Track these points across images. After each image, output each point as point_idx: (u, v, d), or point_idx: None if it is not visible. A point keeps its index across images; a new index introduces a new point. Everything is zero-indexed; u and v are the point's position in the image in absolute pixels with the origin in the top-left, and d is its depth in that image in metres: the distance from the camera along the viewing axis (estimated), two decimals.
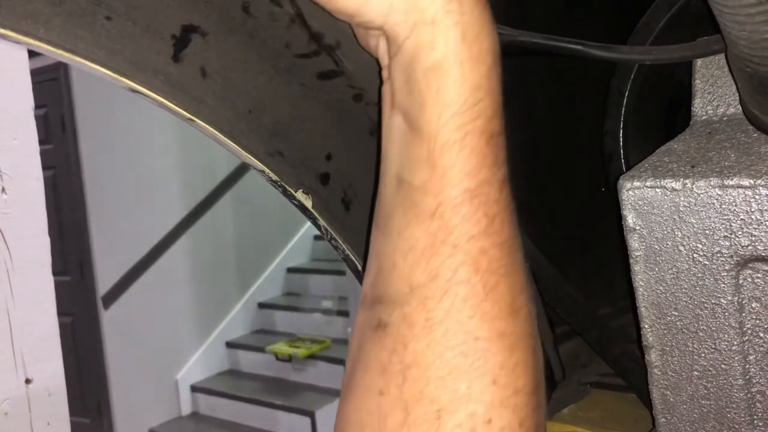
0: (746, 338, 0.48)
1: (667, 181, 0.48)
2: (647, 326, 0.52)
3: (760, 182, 0.44)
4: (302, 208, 0.52)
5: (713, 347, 0.49)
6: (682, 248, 0.48)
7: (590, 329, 0.74)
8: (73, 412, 1.36)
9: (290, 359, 4.43)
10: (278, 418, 4.17)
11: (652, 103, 0.72)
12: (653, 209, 0.49)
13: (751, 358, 0.48)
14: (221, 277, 4.73)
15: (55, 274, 1.31)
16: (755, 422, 0.49)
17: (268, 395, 4.33)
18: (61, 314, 1.32)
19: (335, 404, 4.17)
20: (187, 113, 0.44)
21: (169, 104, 0.43)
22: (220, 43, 0.44)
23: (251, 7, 0.44)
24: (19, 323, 1.23)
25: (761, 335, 0.47)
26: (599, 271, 0.84)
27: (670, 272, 0.49)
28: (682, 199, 0.47)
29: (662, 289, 0.50)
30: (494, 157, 0.39)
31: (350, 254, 0.56)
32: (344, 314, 4.41)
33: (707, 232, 0.47)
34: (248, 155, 0.48)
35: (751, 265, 0.46)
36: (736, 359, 0.48)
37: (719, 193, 0.46)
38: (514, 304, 0.39)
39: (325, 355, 4.38)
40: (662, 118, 0.75)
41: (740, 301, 0.47)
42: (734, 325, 0.48)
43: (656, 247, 0.49)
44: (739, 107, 0.51)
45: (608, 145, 0.72)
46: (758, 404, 0.49)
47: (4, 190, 1.22)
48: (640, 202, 0.49)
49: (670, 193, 0.48)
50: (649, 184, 0.49)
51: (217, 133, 0.46)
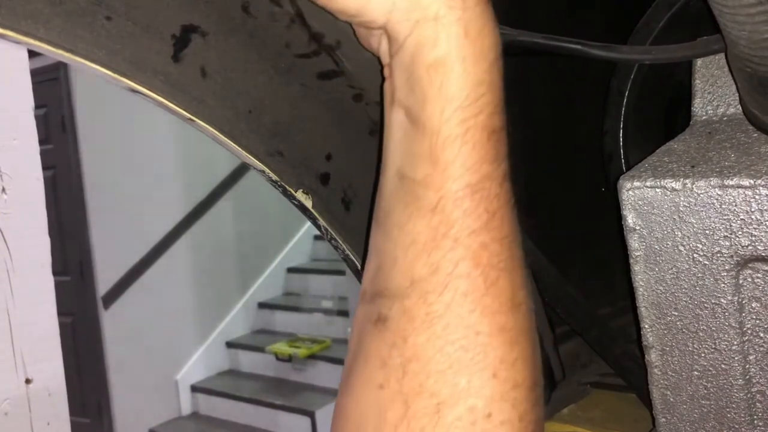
0: (746, 338, 0.48)
1: (667, 181, 0.48)
2: (647, 326, 0.52)
3: (760, 182, 0.44)
4: (302, 208, 0.52)
5: (713, 347, 0.49)
6: (682, 248, 0.48)
7: (590, 329, 0.74)
8: (73, 412, 1.36)
9: (290, 359, 4.43)
10: (278, 418, 4.17)
11: (652, 103, 0.72)
12: (653, 209, 0.49)
13: (751, 358, 0.48)
14: (221, 277, 4.73)
15: (55, 274, 1.31)
16: (755, 422, 0.49)
17: (268, 395, 4.33)
18: (61, 314, 1.32)
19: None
20: (187, 113, 0.44)
21: (169, 104, 0.43)
22: (220, 43, 0.44)
23: (251, 7, 0.44)
24: (19, 323, 1.23)
25: (761, 335, 0.47)
26: (599, 271, 0.84)
27: (670, 272, 0.49)
28: (682, 199, 0.47)
29: (662, 289, 0.50)
30: (495, 152, 0.39)
31: (350, 254, 0.56)
32: (344, 314, 4.41)
33: (707, 232, 0.47)
34: (248, 155, 0.48)
35: (751, 265, 0.46)
36: (736, 359, 0.48)
37: (719, 193, 0.46)
38: (514, 299, 0.39)
39: (325, 355, 4.38)
40: (662, 118, 0.75)
41: (740, 301, 0.47)
42: (734, 325, 0.48)
43: (656, 247, 0.49)
44: (739, 107, 0.51)
45: (608, 145, 0.72)
46: (758, 404, 0.49)
47: (4, 190, 1.22)
48: (640, 202, 0.49)
49: (670, 193, 0.48)
50: (649, 184, 0.49)
51: (217, 133, 0.46)
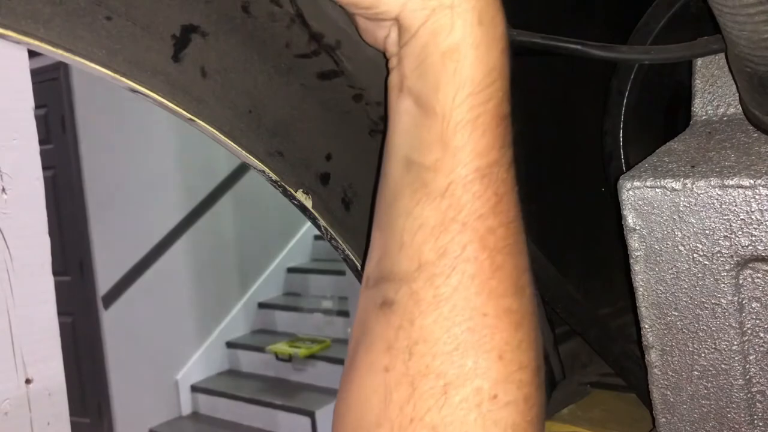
0: (746, 338, 0.48)
1: (667, 181, 0.48)
2: (647, 326, 0.52)
3: (760, 182, 0.44)
4: (302, 208, 0.52)
5: (713, 347, 0.49)
6: (682, 248, 0.48)
7: (590, 329, 0.74)
8: (73, 412, 1.36)
9: (290, 359, 4.43)
10: (278, 418, 4.17)
11: (652, 103, 0.72)
12: (653, 209, 0.49)
13: (751, 358, 0.48)
14: (221, 277, 4.73)
15: (55, 274, 1.31)
16: (755, 422, 0.49)
17: (268, 395, 4.33)
18: (61, 314, 1.32)
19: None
20: (187, 113, 0.44)
21: (169, 104, 0.43)
22: (220, 43, 0.44)
23: (251, 7, 0.44)
24: (19, 323, 1.23)
25: (761, 335, 0.47)
26: (599, 271, 0.84)
27: (670, 272, 0.49)
28: (682, 199, 0.47)
29: (662, 289, 0.50)
30: (503, 138, 0.40)
31: (350, 254, 0.56)
32: (344, 314, 4.41)
33: (707, 232, 0.47)
34: (248, 155, 0.48)
35: (751, 265, 0.46)
36: (736, 359, 0.48)
37: (719, 193, 0.46)
38: (519, 282, 0.40)
39: (325, 355, 4.38)
40: (662, 118, 0.75)
41: (740, 301, 0.47)
42: (734, 325, 0.48)
43: (656, 247, 0.49)
44: (739, 107, 0.51)
45: (608, 145, 0.72)
46: (758, 404, 0.49)
47: (4, 190, 1.22)
48: (640, 202, 0.49)
49: (670, 193, 0.48)
50: (649, 184, 0.49)
51: (217, 133, 0.46)
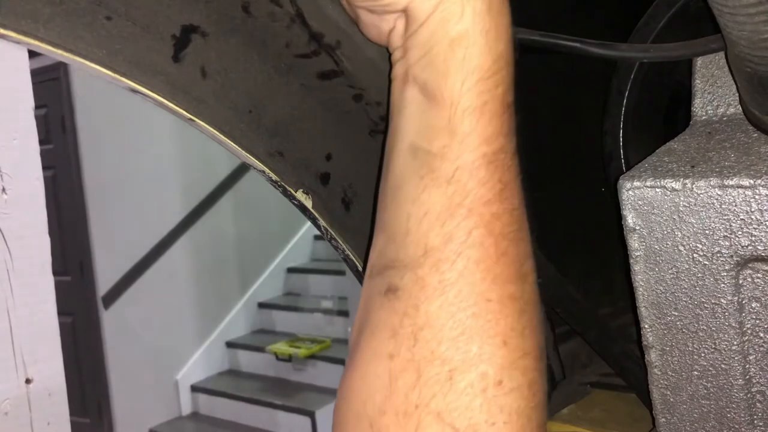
0: (746, 338, 0.48)
1: (667, 181, 0.48)
2: (647, 326, 0.52)
3: (760, 182, 0.44)
4: (302, 208, 0.52)
5: (713, 347, 0.49)
6: (682, 248, 0.48)
7: (590, 329, 0.74)
8: (73, 412, 1.36)
9: (290, 359, 4.43)
10: (278, 418, 4.17)
11: (652, 103, 0.72)
12: (653, 209, 0.49)
13: (751, 358, 0.48)
14: (221, 277, 4.73)
15: (55, 274, 1.31)
16: (755, 422, 0.49)
17: (268, 395, 4.33)
18: (61, 314, 1.32)
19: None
20: (187, 113, 0.44)
21: (169, 104, 0.43)
22: (220, 43, 0.44)
23: (251, 7, 0.44)
24: (19, 323, 1.23)
25: (761, 335, 0.47)
26: (599, 271, 0.84)
27: (670, 272, 0.49)
28: (682, 199, 0.47)
29: (662, 289, 0.50)
30: (509, 125, 0.40)
31: (350, 254, 0.56)
32: (344, 314, 4.41)
33: (707, 232, 0.47)
34: (248, 155, 0.48)
35: (751, 265, 0.46)
36: (736, 359, 0.48)
37: (719, 193, 0.46)
38: (522, 269, 0.40)
39: (325, 355, 4.38)
40: (662, 118, 0.75)
41: (740, 301, 0.47)
42: (734, 325, 0.48)
43: (656, 247, 0.49)
44: (739, 107, 0.51)
45: (608, 145, 0.72)
46: (758, 404, 0.49)
47: (4, 190, 1.22)
48: (640, 202, 0.49)
49: (670, 193, 0.48)
50: (649, 184, 0.49)
51: (217, 133, 0.46)
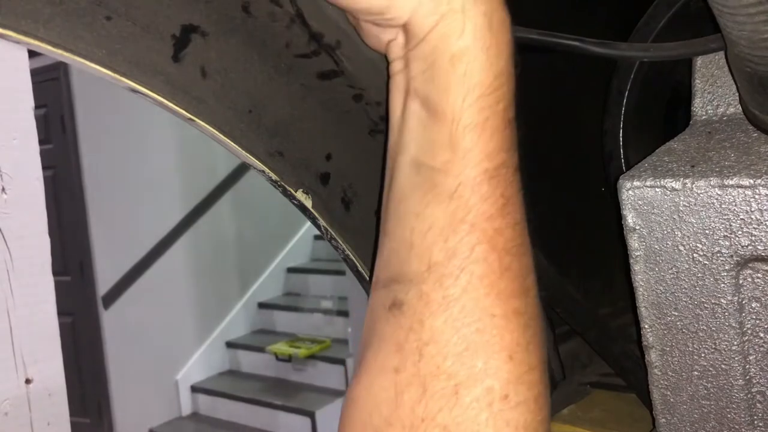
0: (746, 338, 0.48)
1: (667, 180, 0.48)
2: (647, 326, 0.52)
3: (760, 182, 0.44)
4: (302, 208, 0.52)
5: (713, 347, 0.49)
6: (682, 248, 0.48)
7: (590, 329, 0.74)
8: (73, 412, 1.36)
9: (290, 359, 4.43)
10: (278, 418, 4.17)
11: (652, 103, 0.72)
12: (653, 209, 0.49)
13: (751, 358, 0.48)
14: (221, 277, 4.73)
15: (55, 274, 1.31)
16: (755, 422, 0.49)
17: (268, 395, 4.33)
18: (61, 314, 1.32)
19: (335, 404, 4.17)
20: (187, 113, 0.44)
21: (169, 104, 0.43)
22: (220, 43, 0.44)
23: (251, 7, 0.44)
24: (19, 323, 1.23)
25: (761, 335, 0.47)
26: (599, 271, 0.84)
27: (670, 272, 0.49)
28: (682, 199, 0.47)
29: (662, 289, 0.50)
30: (510, 141, 0.40)
31: (350, 254, 0.56)
32: (344, 314, 4.41)
33: (707, 231, 0.47)
34: (248, 155, 0.48)
35: (751, 265, 0.46)
36: (736, 359, 0.48)
37: (719, 192, 0.46)
38: (525, 283, 0.40)
39: (325, 355, 4.38)
40: (662, 118, 0.75)
41: (740, 301, 0.47)
42: (734, 325, 0.48)
43: (656, 247, 0.49)
44: (739, 107, 0.51)
45: (608, 144, 0.72)
46: (758, 404, 0.49)
47: (4, 190, 1.22)
48: (640, 202, 0.49)
49: (670, 192, 0.48)
50: (649, 183, 0.49)
51: (217, 133, 0.46)
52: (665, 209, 0.48)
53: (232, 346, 4.79)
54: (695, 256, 0.48)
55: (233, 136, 0.47)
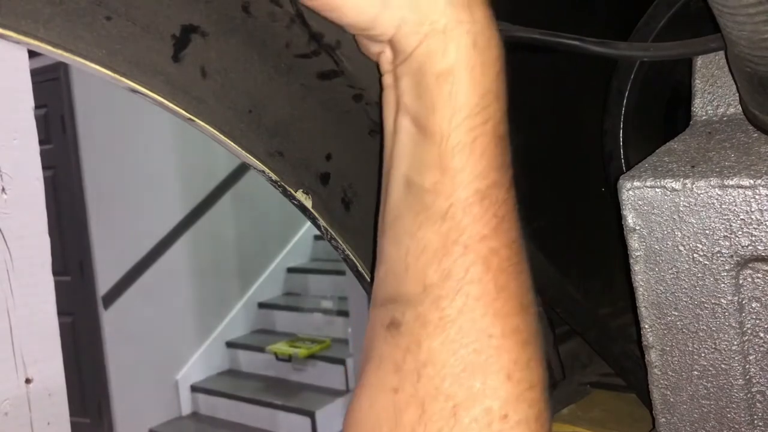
0: (746, 338, 0.48)
1: (667, 181, 0.48)
2: (647, 326, 0.52)
3: (760, 182, 0.44)
4: (302, 208, 0.52)
5: (713, 347, 0.49)
6: (682, 248, 0.48)
7: (590, 329, 0.74)
8: (73, 412, 1.36)
9: (290, 359, 4.43)
10: (278, 418, 4.17)
11: (652, 103, 0.72)
12: (653, 209, 0.49)
13: (751, 358, 0.48)
14: (221, 277, 4.73)
15: (55, 274, 1.30)
16: (755, 422, 0.49)
17: (268, 395, 4.33)
18: (61, 314, 1.32)
19: (335, 404, 4.17)
20: (187, 113, 0.44)
21: (169, 104, 0.43)
22: (220, 43, 0.44)
23: (251, 7, 0.44)
24: (19, 323, 1.23)
25: (761, 335, 0.47)
26: (599, 271, 0.84)
27: (670, 272, 0.49)
28: (682, 199, 0.47)
29: (662, 289, 0.50)
30: (502, 159, 0.40)
31: (350, 254, 0.56)
32: (344, 314, 4.41)
33: (707, 232, 0.47)
34: (248, 155, 0.48)
35: (751, 265, 0.46)
36: (736, 359, 0.48)
37: (719, 193, 0.46)
38: (523, 301, 0.40)
39: (325, 355, 4.38)
40: (662, 118, 0.75)
41: (740, 301, 0.47)
42: (734, 325, 0.48)
43: (656, 247, 0.49)
44: (739, 107, 0.51)
45: (608, 144, 0.72)
46: (758, 404, 0.49)
47: (4, 190, 1.22)
48: (640, 202, 0.49)
49: (670, 193, 0.48)
50: (649, 184, 0.49)
51: (217, 133, 0.46)
52: (665, 209, 0.48)
53: (232, 345, 4.79)
54: (695, 256, 0.48)
55: (233, 136, 0.47)
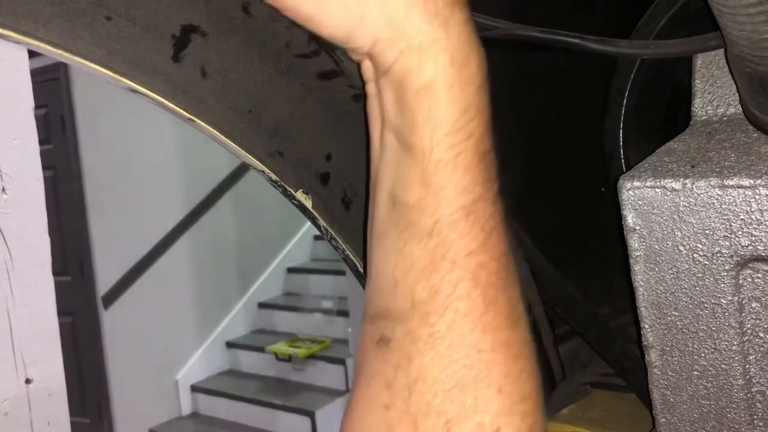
0: (746, 338, 0.48)
1: (667, 181, 0.48)
2: (647, 326, 0.52)
3: (760, 182, 0.44)
4: (302, 208, 0.52)
5: (713, 347, 0.49)
6: (682, 248, 0.48)
7: (590, 329, 0.74)
8: (73, 412, 1.36)
9: (290, 359, 4.43)
10: (278, 418, 4.17)
11: (652, 102, 0.72)
12: (653, 209, 0.49)
13: (751, 358, 0.48)
14: (221, 277, 4.73)
15: (55, 274, 1.30)
16: (755, 422, 0.49)
17: (268, 395, 4.33)
18: (61, 314, 1.32)
19: (335, 404, 4.17)
20: (187, 113, 0.44)
21: (169, 104, 0.43)
22: (220, 43, 0.44)
23: (251, 7, 0.44)
24: (19, 323, 1.23)
25: (761, 335, 0.47)
26: (599, 271, 0.84)
27: (670, 272, 0.49)
28: (682, 199, 0.47)
29: (662, 289, 0.50)
30: (487, 173, 0.39)
31: (350, 254, 0.56)
32: (344, 314, 4.41)
33: (707, 232, 0.47)
34: (248, 155, 0.48)
35: (751, 265, 0.46)
36: (736, 359, 0.48)
37: (719, 193, 0.46)
38: (513, 314, 0.40)
39: (325, 355, 4.38)
40: (662, 118, 0.75)
41: (740, 301, 0.47)
42: (734, 325, 0.48)
43: (656, 247, 0.49)
44: (739, 107, 0.51)
45: (608, 144, 0.72)
46: (758, 404, 0.49)
47: (4, 190, 1.22)
48: (640, 202, 0.49)
49: (670, 193, 0.48)
50: (649, 184, 0.49)
51: (217, 133, 0.46)
52: (665, 209, 0.48)
53: (232, 345, 4.79)
54: (695, 256, 0.48)
55: (233, 136, 0.46)
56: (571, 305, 0.74)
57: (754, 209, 0.45)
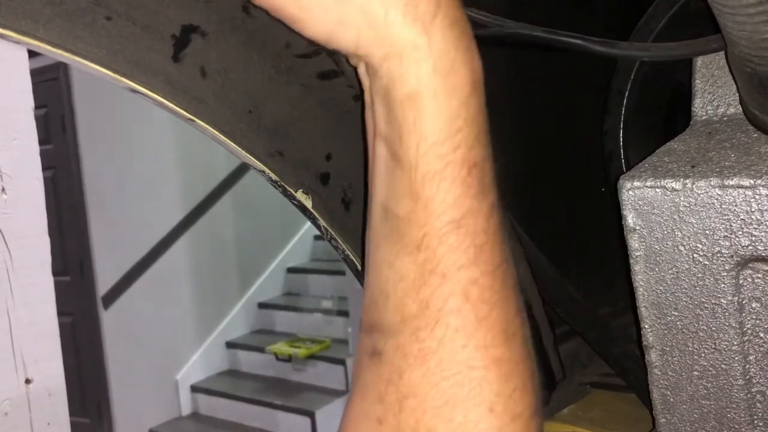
0: (746, 338, 0.48)
1: (667, 181, 0.48)
2: (647, 326, 0.52)
3: (760, 182, 0.44)
4: (302, 208, 0.52)
5: (713, 347, 0.49)
6: (682, 248, 0.48)
7: (590, 329, 0.74)
8: (73, 412, 1.36)
9: (290, 359, 4.43)
10: (278, 418, 4.17)
11: (652, 103, 0.72)
12: (653, 209, 0.49)
13: (751, 358, 0.48)
14: (221, 277, 4.73)
15: (55, 274, 1.30)
16: (755, 422, 0.49)
17: (268, 395, 4.33)
18: (61, 314, 1.32)
19: (335, 404, 4.17)
20: (187, 113, 0.44)
21: (169, 104, 0.43)
22: (220, 43, 0.44)
23: (251, 7, 0.44)
24: (19, 323, 1.23)
25: (761, 335, 0.47)
26: (599, 271, 0.84)
27: (670, 272, 0.49)
28: (682, 199, 0.47)
29: (662, 289, 0.50)
30: (479, 185, 0.38)
31: (350, 254, 0.56)
32: (344, 314, 4.41)
33: (707, 232, 0.47)
34: (248, 155, 0.48)
35: (751, 265, 0.46)
36: (736, 359, 0.48)
37: (719, 193, 0.46)
38: (508, 330, 0.39)
39: (325, 355, 4.38)
40: (662, 118, 0.75)
41: (740, 301, 0.47)
42: (734, 325, 0.48)
43: (656, 247, 0.49)
44: (739, 107, 0.51)
45: (608, 144, 0.72)
46: (758, 404, 0.49)
47: (4, 190, 1.22)
48: (640, 202, 0.49)
49: (670, 193, 0.48)
50: (649, 184, 0.49)
51: (217, 133, 0.46)
52: (665, 209, 0.48)
53: (232, 346, 4.79)
54: (695, 256, 0.48)
55: (233, 136, 0.46)
56: (571, 305, 0.74)
57: (754, 209, 0.45)
